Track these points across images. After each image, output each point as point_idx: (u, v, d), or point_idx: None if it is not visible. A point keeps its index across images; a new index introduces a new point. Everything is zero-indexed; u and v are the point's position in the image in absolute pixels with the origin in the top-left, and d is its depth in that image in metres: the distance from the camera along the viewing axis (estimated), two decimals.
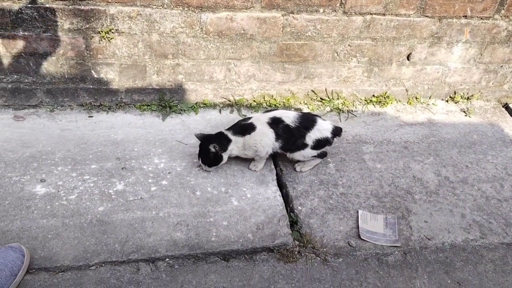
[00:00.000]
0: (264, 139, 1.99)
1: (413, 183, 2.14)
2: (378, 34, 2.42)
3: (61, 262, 1.61)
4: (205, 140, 2.01)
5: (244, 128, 2.02)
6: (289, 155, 2.07)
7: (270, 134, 2.00)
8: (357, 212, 1.95)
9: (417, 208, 2.00)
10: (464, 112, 2.71)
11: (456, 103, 2.79)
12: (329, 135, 2.03)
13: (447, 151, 2.38)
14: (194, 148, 2.16)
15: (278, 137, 2.00)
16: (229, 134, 2.02)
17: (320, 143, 2.02)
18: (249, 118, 2.07)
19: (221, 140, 2.00)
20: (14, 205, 1.80)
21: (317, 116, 2.07)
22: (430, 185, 2.14)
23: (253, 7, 2.21)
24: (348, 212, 1.95)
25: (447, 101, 2.80)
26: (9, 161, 2.01)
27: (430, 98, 2.77)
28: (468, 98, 2.81)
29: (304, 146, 2.01)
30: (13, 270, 1.51)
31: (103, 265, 1.64)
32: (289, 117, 2.01)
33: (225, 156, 2.02)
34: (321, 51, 2.43)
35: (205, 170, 2.07)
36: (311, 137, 2.00)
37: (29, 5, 2.02)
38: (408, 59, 2.56)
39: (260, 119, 2.03)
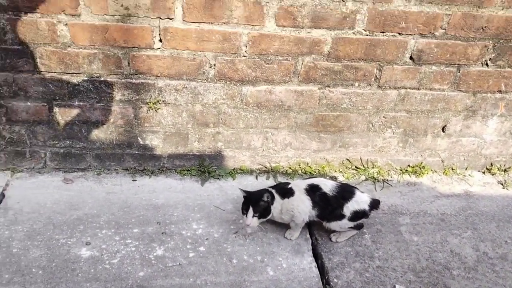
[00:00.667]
0: (301, 206, 2.04)
1: (451, 258, 2.11)
2: (413, 107, 2.48)
3: None
4: (252, 194, 2.05)
5: (284, 191, 2.08)
6: (325, 224, 2.09)
7: (307, 201, 2.04)
8: (394, 287, 1.93)
9: (455, 284, 1.96)
10: (502, 184, 2.69)
11: (493, 174, 2.77)
12: (366, 207, 2.05)
13: (485, 224, 2.34)
14: (231, 214, 2.22)
15: (315, 205, 2.04)
16: (273, 192, 2.07)
17: (358, 215, 2.04)
18: (289, 183, 2.13)
19: (269, 193, 2.05)
20: (60, 267, 1.87)
21: (355, 187, 2.11)
22: (469, 261, 2.10)
23: (291, 81, 2.33)
24: (384, 286, 1.93)
25: (483, 172, 2.79)
26: (57, 223, 2.11)
27: (466, 169, 2.77)
28: (505, 170, 2.79)
29: (342, 216, 2.03)
30: None
31: None
32: (327, 186, 2.05)
33: (273, 209, 2.04)
34: (356, 122, 2.50)
35: (250, 226, 2.02)
36: (348, 208, 2.02)
37: (86, 79, 2.20)
38: (443, 131, 2.60)
39: (298, 185, 2.08)
